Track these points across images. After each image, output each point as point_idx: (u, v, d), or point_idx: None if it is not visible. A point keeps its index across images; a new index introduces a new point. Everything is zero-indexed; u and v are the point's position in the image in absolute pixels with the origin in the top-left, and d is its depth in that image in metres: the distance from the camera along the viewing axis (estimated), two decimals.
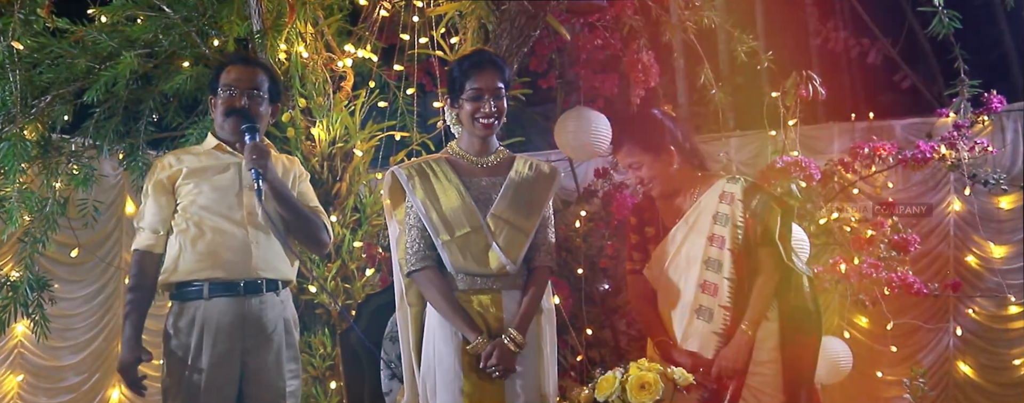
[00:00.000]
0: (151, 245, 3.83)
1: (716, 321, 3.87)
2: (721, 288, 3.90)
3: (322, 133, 5.26)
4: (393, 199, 3.65)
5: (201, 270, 3.75)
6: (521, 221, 3.54)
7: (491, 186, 3.58)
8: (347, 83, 5.45)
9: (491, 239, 3.49)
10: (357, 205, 5.45)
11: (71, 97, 4.90)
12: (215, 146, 3.92)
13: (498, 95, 3.53)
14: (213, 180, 3.83)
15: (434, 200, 3.52)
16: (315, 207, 4.03)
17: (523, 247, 3.54)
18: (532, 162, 3.71)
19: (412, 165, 3.63)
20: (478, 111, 3.51)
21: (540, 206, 3.61)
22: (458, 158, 3.63)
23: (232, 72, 3.90)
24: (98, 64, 4.88)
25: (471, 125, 3.55)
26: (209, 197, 3.80)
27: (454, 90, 3.58)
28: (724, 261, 3.91)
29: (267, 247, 3.81)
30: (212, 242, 3.75)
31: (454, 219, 3.50)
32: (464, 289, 3.49)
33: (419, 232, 3.53)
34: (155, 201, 3.85)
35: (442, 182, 3.55)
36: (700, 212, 4.02)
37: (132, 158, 5.09)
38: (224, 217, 3.78)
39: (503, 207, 3.54)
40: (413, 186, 3.55)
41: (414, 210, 3.54)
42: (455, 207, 3.50)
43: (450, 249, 3.50)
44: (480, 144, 3.62)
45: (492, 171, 3.62)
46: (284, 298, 3.89)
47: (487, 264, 3.49)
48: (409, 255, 3.53)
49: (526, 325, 3.49)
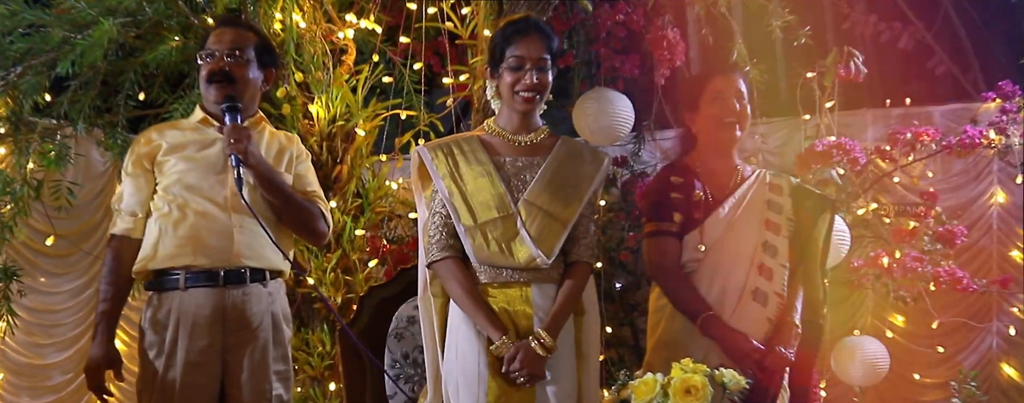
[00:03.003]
0: (129, 230, 3.52)
1: (771, 307, 3.61)
2: (776, 274, 3.65)
3: (321, 110, 4.85)
4: (421, 179, 3.37)
5: (180, 256, 3.42)
6: (558, 209, 3.21)
7: (527, 168, 3.26)
8: (349, 57, 5.05)
9: (521, 227, 3.17)
10: (359, 190, 5.10)
11: (44, 69, 4.46)
12: (201, 119, 3.57)
13: (542, 66, 3.22)
14: (196, 157, 3.50)
15: (460, 182, 3.22)
16: (313, 192, 3.69)
17: (558, 239, 3.21)
18: (577, 143, 3.41)
19: (439, 143, 3.34)
20: (518, 83, 3.21)
21: (582, 194, 3.28)
22: (493, 136, 3.32)
23: (215, 35, 3.58)
24: (75, 33, 4.46)
25: (511, 98, 3.24)
26: (193, 176, 3.47)
27: (494, 58, 3.27)
28: (780, 247, 3.68)
29: (252, 233, 3.47)
30: (194, 225, 3.43)
31: (481, 203, 3.19)
32: (488, 282, 3.19)
33: (443, 218, 3.23)
34: (133, 181, 3.54)
35: (470, 162, 3.24)
36: (751, 193, 3.75)
37: (111, 136, 4.64)
38: (208, 198, 3.45)
39: (538, 192, 3.22)
40: (437, 166, 3.25)
41: (439, 194, 3.25)
42: (483, 190, 3.20)
43: (473, 236, 3.18)
44: (519, 120, 3.30)
45: (530, 151, 3.29)
46: (272, 290, 3.56)
47: (514, 255, 3.17)
48: (430, 243, 3.24)
49: (558, 326, 3.16)
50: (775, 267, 3.66)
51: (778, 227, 3.69)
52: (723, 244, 3.69)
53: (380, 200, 5.07)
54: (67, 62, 4.36)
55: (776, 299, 3.62)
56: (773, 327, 3.60)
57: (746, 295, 3.62)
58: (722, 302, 3.64)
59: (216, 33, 3.54)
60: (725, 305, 3.63)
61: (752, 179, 3.76)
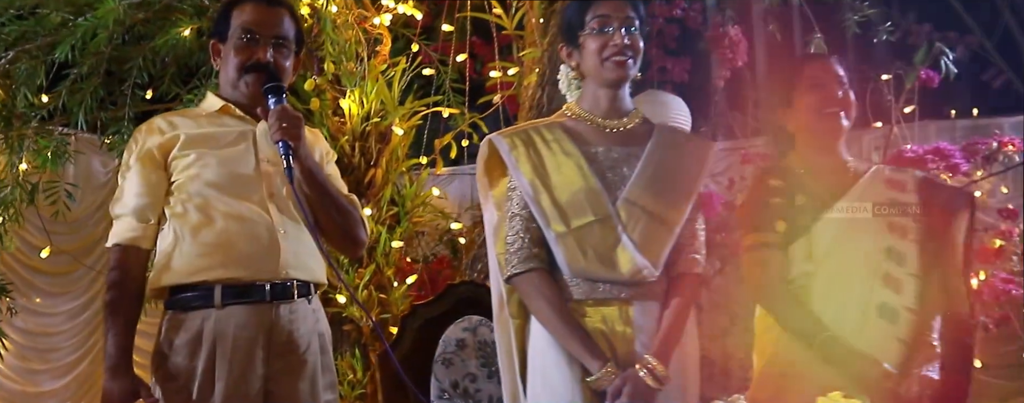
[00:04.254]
0: (135, 238, 2.95)
1: (901, 325, 3.08)
2: (906, 286, 3.12)
3: (354, 106, 4.30)
4: (490, 174, 2.89)
5: (209, 268, 2.86)
6: (664, 209, 2.73)
7: (623, 159, 2.78)
8: (384, 47, 4.50)
9: (622, 232, 2.69)
10: (394, 197, 4.55)
11: (41, 54, 3.92)
12: (220, 108, 3.03)
13: (631, 25, 2.75)
14: (222, 151, 2.96)
15: (545, 179, 2.73)
16: (349, 196, 3.17)
17: (665, 245, 2.73)
18: (677, 130, 2.99)
19: (516, 132, 2.84)
20: (606, 47, 2.72)
21: (690, 190, 2.81)
22: (578, 122, 2.82)
23: (250, 10, 3.00)
24: (75, 15, 3.94)
25: (599, 68, 2.75)
26: (218, 172, 2.93)
27: (569, 31, 2.81)
28: (908, 254, 3.15)
29: (297, 239, 2.95)
30: (225, 230, 2.88)
31: (572, 204, 2.70)
32: (582, 298, 2.69)
33: (524, 222, 2.74)
34: (141, 178, 2.96)
35: (556, 154, 2.75)
36: (868, 193, 3.26)
37: (115, 131, 4.09)
38: (239, 197, 2.91)
39: (640, 189, 2.73)
40: (517, 159, 2.75)
41: (518, 192, 2.75)
42: (574, 188, 2.71)
43: (565, 245, 2.69)
44: (609, 101, 2.80)
45: (625, 139, 2.81)
46: (317, 307, 3.05)
47: (615, 266, 2.67)
48: (510, 252, 2.74)
49: (669, 351, 2.67)
50: (903, 277, 3.14)
51: (904, 230, 3.19)
52: (838, 253, 3.20)
53: (418, 209, 4.50)
54: (66, 46, 3.85)
55: (908, 315, 3.11)
56: (907, 349, 3.10)
57: (870, 312, 3.13)
58: (841, 321, 3.13)
59: (255, 8, 3.00)
60: (845, 325, 3.13)
61: (868, 176, 3.27)
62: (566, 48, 2.83)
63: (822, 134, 3.25)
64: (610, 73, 2.75)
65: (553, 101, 4.24)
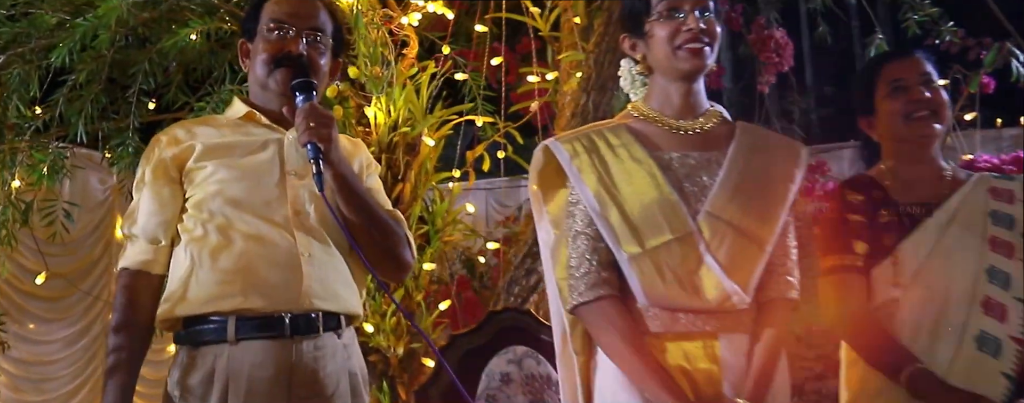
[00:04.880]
0: (147, 262, 2.59)
1: (1006, 357, 2.76)
2: (1011, 312, 2.80)
3: (380, 114, 3.90)
4: (545, 188, 2.54)
5: (225, 297, 2.51)
6: (753, 224, 2.38)
7: (702, 166, 2.42)
8: (411, 49, 4.12)
9: (706, 252, 2.33)
10: (424, 215, 4.16)
11: (35, 58, 3.54)
12: (245, 114, 2.68)
13: (705, 7, 2.38)
14: (243, 163, 2.61)
15: (613, 191, 2.38)
16: (393, 211, 2.80)
17: (756, 266, 2.38)
18: (762, 131, 2.58)
19: (577, 137, 2.47)
20: (678, 33, 2.36)
21: (782, 200, 2.44)
22: (646, 123, 2.47)
23: (284, 2, 2.67)
24: (73, 16, 3.58)
25: (670, 59, 2.39)
26: (238, 187, 2.57)
27: (633, 19, 2.45)
28: (1014, 274, 2.84)
29: (325, 263, 2.59)
30: (244, 255, 2.52)
31: (646, 220, 2.35)
32: (660, 331, 2.34)
33: (589, 242, 2.38)
34: (154, 194, 2.62)
35: (624, 162, 2.40)
36: (965, 204, 2.93)
37: (118, 143, 3.69)
38: (261, 217, 2.56)
39: (724, 201, 2.38)
40: (580, 169, 2.40)
41: (582, 207, 2.40)
42: (647, 201, 2.36)
43: (641, 268, 2.33)
44: (682, 97, 2.45)
45: (703, 142, 2.45)
46: (348, 342, 2.68)
47: (699, 292, 2.33)
48: (574, 278, 2.38)
49: (763, 393, 2.35)
50: (1008, 302, 2.82)
51: (1010, 247, 2.86)
52: (930, 275, 2.87)
53: (449, 227, 4.12)
54: (64, 50, 3.47)
55: (1013, 346, 2.78)
56: (1015, 385, 2.78)
57: (967, 342, 2.80)
58: (933, 353, 2.83)
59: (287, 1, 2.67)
60: (938, 356, 2.82)
61: (969, 186, 2.94)
62: (629, 39, 2.46)
63: (911, 141, 2.91)
64: (684, 63, 2.38)
65: (599, 108, 3.90)
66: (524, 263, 4.10)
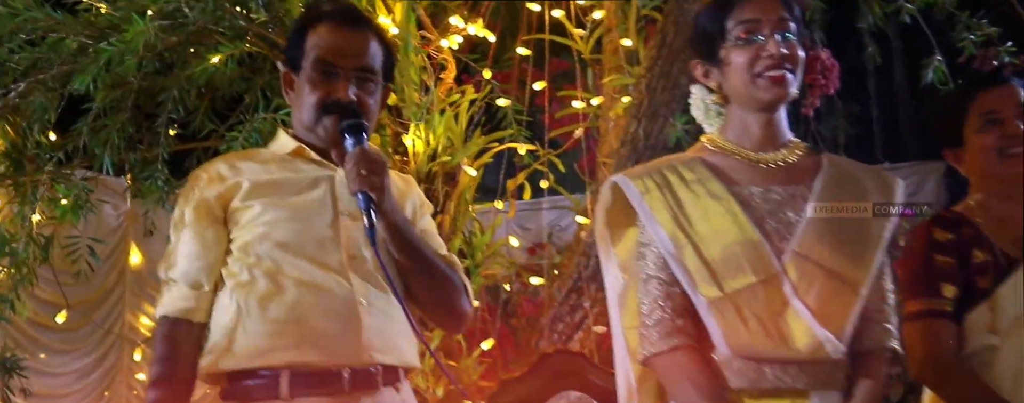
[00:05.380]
0: (188, 309, 2.41)
1: None
2: None
3: (419, 143, 3.71)
4: (613, 226, 2.38)
5: (277, 350, 2.33)
6: (845, 266, 2.19)
7: (787, 201, 2.24)
8: (448, 73, 3.93)
9: (792, 296, 2.14)
10: (463, 248, 3.98)
11: (56, 85, 3.34)
12: (294, 150, 2.49)
13: (786, 30, 2.20)
14: (293, 202, 2.43)
15: (689, 230, 2.21)
16: (448, 257, 2.63)
17: (851, 311, 2.18)
18: (850, 163, 2.40)
19: (648, 172, 2.31)
20: (757, 59, 2.18)
21: (876, 241, 2.25)
22: (723, 156, 2.30)
23: (327, 34, 2.47)
24: (96, 40, 3.39)
25: (749, 87, 2.20)
26: (289, 229, 2.40)
27: (705, 44, 2.27)
28: None
29: (384, 312, 2.41)
30: (297, 303, 2.35)
31: (726, 262, 2.17)
32: (743, 387, 2.16)
33: (663, 287, 2.21)
34: (196, 236, 2.43)
35: (701, 198, 2.23)
36: None
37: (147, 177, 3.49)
38: (314, 262, 2.37)
39: (812, 239, 2.19)
40: (652, 207, 2.23)
41: (654, 248, 2.23)
42: (727, 241, 2.18)
43: (722, 314, 2.15)
44: (763, 128, 2.26)
45: (786, 175, 2.27)
46: (407, 396, 2.51)
47: (788, 341, 2.14)
48: (646, 326, 2.21)
49: None
50: None
51: None
52: None
53: (489, 260, 3.93)
54: (88, 76, 3.26)
55: None
56: None
57: None
58: None
59: (333, 32, 2.46)
60: None
61: None
62: (702, 65, 2.29)
63: (1006, 179, 2.69)
64: (765, 92, 2.19)
65: (651, 136, 3.71)
66: (569, 298, 3.91)
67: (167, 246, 2.47)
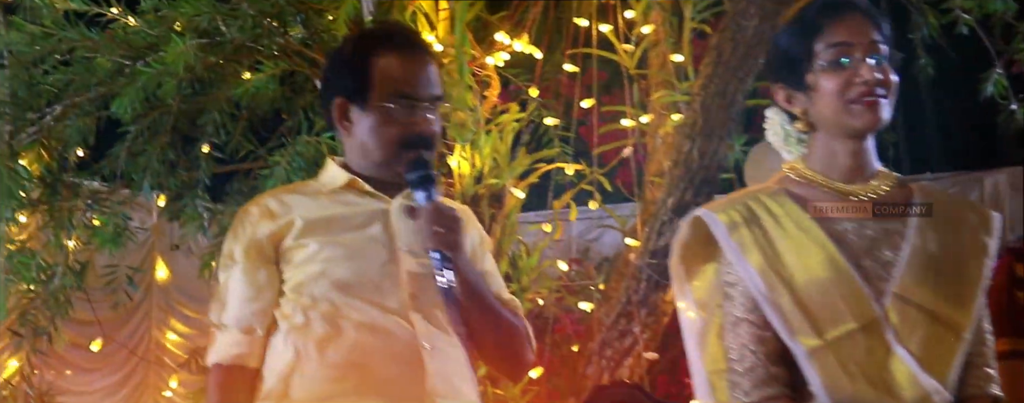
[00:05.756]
0: (242, 355, 2.30)
1: None
2: None
3: (465, 164, 3.58)
4: (689, 263, 2.19)
5: (337, 397, 2.24)
6: (947, 308, 2.03)
7: (882, 239, 2.07)
8: (492, 91, 3.80)
9: (894, 342, 1.98)
10: (509, 271, 3.83)
11: (92, 108, 3.22)
12: (346, 183, 2.35)
13: (878, 53, 2.02)
14: (349, 240, 2.32)
15: (782, 270, 2.04)
16: (511, 302, 2.50)
17: (955, 357, 2.02)
18: (943, 194, 2.30)
19: (731, 204, 2.14)
20: (851, 84, 2.01)
21: (976, 280, 2.07)
22: (809, 187, 2.12)
23: (400, 65, 2.35)
24: (132, 60, 3.25)
25: (840, 114, 2.04)
26: (345, 268, 2.29)
27: (788, 67, 2.10)
28: None
29: (447, 356, 2.31)
30: (358, 346, 2.25)
31: (824, 305, 2.00)
32: None
33: (755, 331, 2.05)
34: (248, 278, 2.32)
35: (791, 233, 2.06)
36: None
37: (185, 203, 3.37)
38: (372, 302, 2.26)
39: (913, 281, 2.02)
40: (741, 244, 2.06)
41: (742, 288, 2.06)
42: (823, 283, 2.01)
43: (821, 363, 1.99)
44: (852, 157, 2.08)
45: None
46: None
47: (893, 390, 1.98)
48: (736, 373, 2.05)
49: None
50: None
51: None
52: None
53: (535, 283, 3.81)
54: (126, 99, 3.12)
55: None
56: None
57: None
58: None
59: (407, 63, 2.34)
60: None
61: None
62: (784, 90, 2.11)
63: None
64: (857, 120, 2.02)
65: (706, 156, 3.56)
66: (617, 324, 3.78)
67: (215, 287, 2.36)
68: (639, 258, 3.75)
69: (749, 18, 3.42)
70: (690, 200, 3.60)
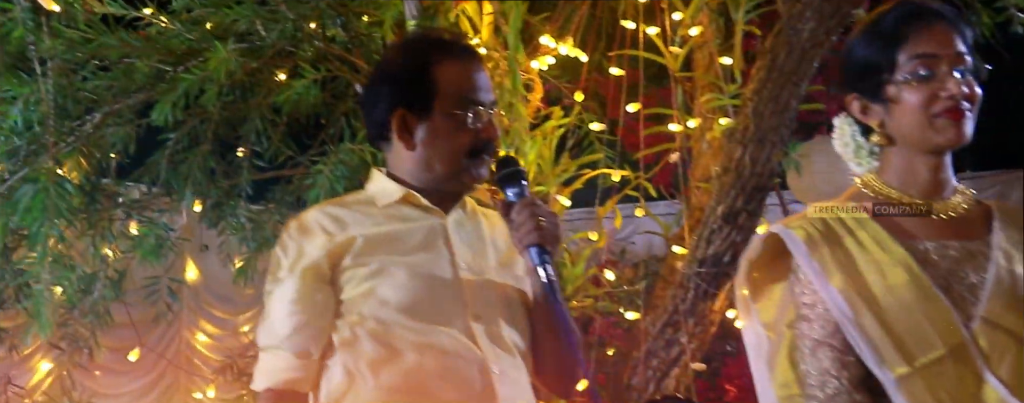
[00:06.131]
0: (295, 380, 2.18)
1: None
2: None
3: None
4: (756, 281, 2.11)
5: None
6: None
7: (965, 259, 1.96)
8: (535, 95, 3.68)
9: (985, 369, 1.88)
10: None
11: (132, 115, 3.12)
12: (403, 197, 2.23)
13: (964, 66, 1.92)
14: (408, 259, 2.19)
15: (866, 292, 1.92)
16: None
17: None
18: (1017, 210, 2.12)
19: (808, 220, 2.02)
20: (935, 98, 1.91)
21: None
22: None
23: (465, 71, 2.24)
24: (171, 66, 3.12)
25: (924, 129, 1.94)
26: (407, 288, 2.15)
27: (867, 77, 1.98)
28: None
29: (517, 382, 2.20)
30: (418, 369, 2.13)
31: (911, 330, 1.89)
32: None
33: (836, 356, 1.94)
34: (303, 299, 2.19)
35: (871, 253, 1.95)
36: None
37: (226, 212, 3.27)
38: (437, 324, 2.14)
39: (1001, 304, 1.92)
40: (823, 263, 1.95)
41: (821, 310, 1.95)
42: (909, 304, 1.90)
43: (910, 392, 1.87)
44: (932, 173, 1.99)
45: (959, 228, 2.00)
46: None
47: None
48: (817, 398, 1.94)
49: None
50: None
51: None
52: None
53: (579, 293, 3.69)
54: (166, 107, 3.01)
55: None
56: None
57: None
58: None
59: (469, 69, 2.23)
60: None
61: None
62: (860, 101, 2.00)
63: None
64: (941, 135, 1.93)
65: (758, 163, 3.43)
66: (664, 333, 3.65)
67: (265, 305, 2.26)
68: (686, 266, 3.63)
69: (805, 21, 3.28)
70: (741, 207, 3.47)
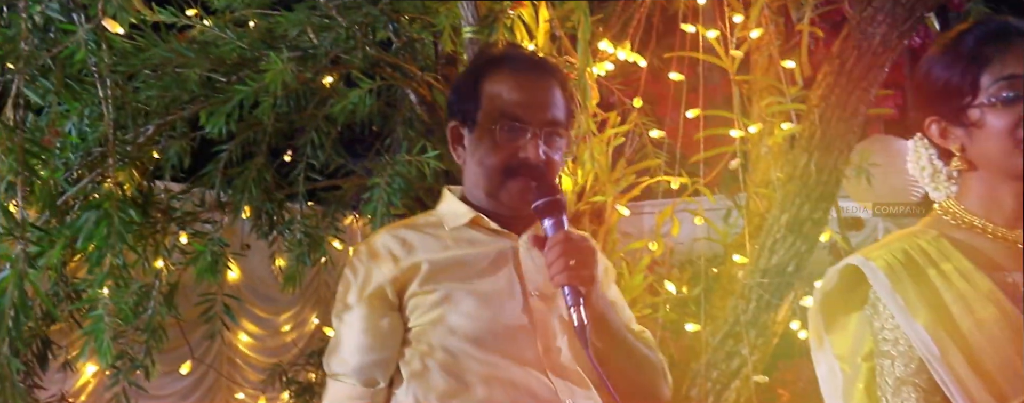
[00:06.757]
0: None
1: None
2: None
3: (566, 181, 3.37)
4: (830, 313, 2.01)
5: None
6: None
7: None
8: (591, 101, 3.57)
9: None
10: None
11: (185, 126, 3.05)
12: (471, 220, 2.18)
13: None
14: (476, 286, 2.13)
15: (954, 330, 1.82)
16: (641, 333, 2.33)
17: None
18: None
19: (887, 250, 1.91)
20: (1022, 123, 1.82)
21: None
22: (968, 232, 1.92)
23: (511, 85, 2.17)
24: (224, 76, 3.05)
25: (1010, 156, 1.85)
26: (476, 317, 2.11)
27: (949, 99, 1.88)
28: None
29: None
30: (488, 401, 2.07)
31: (1004, 371, 1.80)
32: None
33: (922, 395, 1.85)
34: (370, 327, 2.14)
35: (956, 286, 1.85)
36: None
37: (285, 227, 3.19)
38: (507, 355, 2.10)
39: None
40: (907, 299, 1.85)
41: (904, 348, 1.85)
42: (1000, 343, 1.80)
43: None
44: (1016, 199, 1.90)
45: None
46: None
47: None
48: None
49: None
50: None
51: None
52: None
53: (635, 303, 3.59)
54: (220, 118, 2.94)
55: None
56: None
57: None
58: None
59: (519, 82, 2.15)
60: None
61: None
62: (940, 123, 1.90)
63: None
64: None
65: (824, 171, 3.32)
66: (724, 345, 3.55)
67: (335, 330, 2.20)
68: (748, 276, 3.53)
69: (876, 25, 3.16)
70: (806, 216, 3.36)
